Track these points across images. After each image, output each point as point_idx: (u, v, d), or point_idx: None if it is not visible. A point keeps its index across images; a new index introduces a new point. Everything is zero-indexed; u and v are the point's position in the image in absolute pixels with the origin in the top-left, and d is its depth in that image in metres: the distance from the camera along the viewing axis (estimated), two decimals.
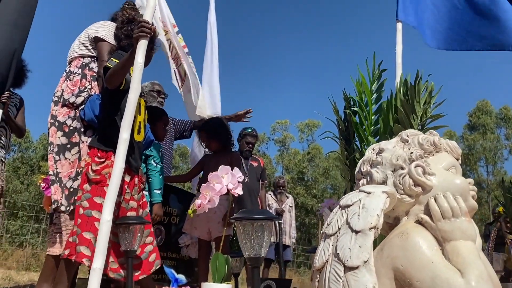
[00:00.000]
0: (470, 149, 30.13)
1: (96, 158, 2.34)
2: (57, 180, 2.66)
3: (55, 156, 2.68)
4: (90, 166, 2.33)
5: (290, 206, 6.69)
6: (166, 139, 3.83)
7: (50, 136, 2.78)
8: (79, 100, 2.74)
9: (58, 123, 2.73)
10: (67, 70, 2.89)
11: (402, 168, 1.39)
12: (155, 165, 3.16)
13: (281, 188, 6.65)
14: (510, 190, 3.25)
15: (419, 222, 1.34)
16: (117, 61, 2.33)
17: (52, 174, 2.69)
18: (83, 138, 2.70)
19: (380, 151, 1.48)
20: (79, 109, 2.74)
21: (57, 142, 2.70)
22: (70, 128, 2.71)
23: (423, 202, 1.37)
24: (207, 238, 3.46)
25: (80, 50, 2.91)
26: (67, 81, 2.82)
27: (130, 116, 2.16)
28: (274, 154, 32.94)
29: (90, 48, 2.90)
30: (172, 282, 2.15)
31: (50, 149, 2.74)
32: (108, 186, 2.11)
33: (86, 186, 2.32)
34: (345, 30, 51.34)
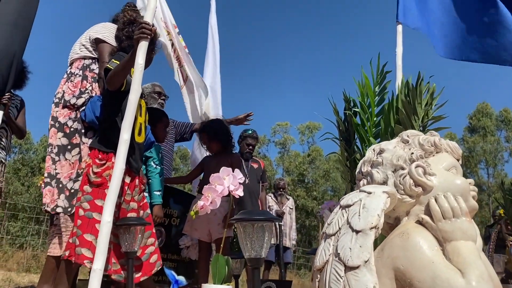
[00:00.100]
0: (470, 151, 30.13)
1: (97, 160, 2.34)
2: (55, 181, 2.66)
3: (55, 156, 2.69)
4: (91, 168, 2.33)
5: (291, 208, 6.69)
6: (166, 141, 3.83)
7: (50, 137, 2.78)
8: (80, 101, 2.75)
9: (58, 124, 2.74)
10: (68, 72, 2.90)
11: (402, 168, 1.39)
12: (155, 166, 3.16)
13: (281, 190, 6.66)
14: (510, 192, 3.24)
15: (420, 222, 1.33)
16: (117, 62, 2.33)
17: (46, 176, 2.69)
18: (84, 139, 2.70)
19: (380, 152, 1.48)
20: (80, 110, 2.74)
21: (57, 143, 2.71)
22: (71, 129, 2.71)
23: (424, 202, 1.37)
24: (208, 240, 3.46)
25: (81, 51, 2.92)
26: (68, 82, 2.83)
27: (130, 117, 2.16)
28: (274, 156, 32.99)
29: (91, 49, 2.90)
30: (172, 283, 2.15)
31: (49, 150, 2.74)
32: (108, 188, 2.12)
33: (86, 187, 2.32)
34: (345, 32, 51.42)
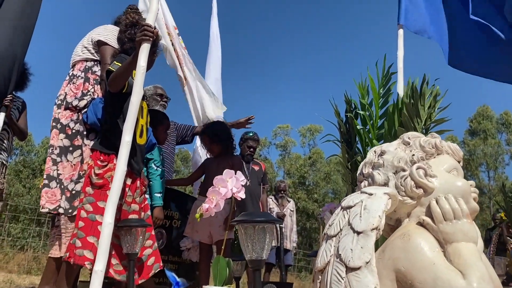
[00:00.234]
0: (471, 154, 30.09)
1: (98, 161, 2.35)
2: (55, 182, 2.66)
3: (56, 158, 2.69)
4: (93, 170, 2.33)
5: (291, 211, 6.69)
6: (168, 143, 3.83)
7: (51, 138, 2.79)
8: (82, 103, 2.75)
9: (60, 126, 2.74)
10: (70, 74, 2.91)
11: (403, 170, 1.40)
12: (156, 168, 3.16)
13: (282, 192, 6.65)
14: (511, 195, 3.24)
15: (421, 224, 1.34)
16: (119, 64, 2.34)
17: (45, 177, 2.69)
18: (86, 141, 2.71)
19: (381, 153, 1.49)
20: (82, 112, 2.75)
21: (58, 144, 2.71)
22: (73, 131, 2.72)
23: (425, 204, 1.37)
24: (209, 242, 3.47)
25: (83, 53, 2.93)
26: (70, 84, 2.84)
27: (132, 119, 2.16)
28: (275, 158, 32.96)
29: (93, 51, 2.91)
30: (173, 285, 2.15)
31: (50, 151, 2.75)
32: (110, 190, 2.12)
33: (88, 189, 2.33)
34: (347, 35, 51.43)
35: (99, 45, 2.86)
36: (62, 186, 2.65)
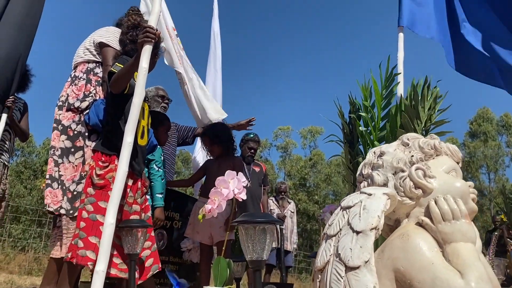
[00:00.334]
0: (471, 156, 30.08)
1: (100, 162, 2.36)
2: (57, 183, 2.68)
3: (57, 159, 2.70)
4: (94, 170, 2.34)
5: (292, 212, 6.68)
6: (169, 145, 3.85)
7: (52, 140, 2.80)
8: (84, 104, 2.77)
9: (62, 127, 2.76)
10: (72, 75, 2.92)
11: (402, 170, 1.41)
12: (157, 169, 3.18)
13: (282, 193, 6.65)
14: (511, 197, 3.25)
15: (420, 224, 1.35)
16: (121, 66, 2.35)
17: (48, 178, 2.70)
18: (88, 142, 2.72)
19: (381, 154, 1.50)
20: (84, 113, 2.76)
21: (60, 146, 2.72)
22: (75, 132, 2.73)
23: (424, 204, 1.38)
24: (209, 243, 3.48)
25: (85, 55, 2.94)
26: (72, 86, 2.85)
27: (134, 120, 2.17)
28: (276, 160, 32.97)
29: (95, 53, 2.93)
30: (174, 286, 2.16)
31: (51, 152, 2.76)
32: (111, 190, 2.13)
33: (90, 189, 2.33)
34: (348, 36, 51.47)
35: (101, 47, 2.88)
36: (64, 187, 2.66)
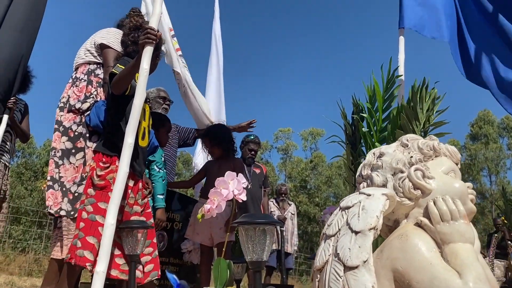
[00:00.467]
0: (472, 159, 30.04)
1: (100, 163, 2.36)
2: (58, 185, 2.68)
3: (59, 160, 2.71)
4: (95, 171, 2.34)
5: (292, 214, 6.68)
6: (170, 146, 3.85)
7: (53, 141, 2.80)
8: (85, 106, 2.77)
9: (63, 128, 2.76)
10: (73, 76, 2.93)
11: (402, 171, 1.42)
12: (158, 170, 3.18)
13: (283, 195, 6.64)
14: (511, 199, 3.25)
15: (419, 224, 1.36)
16: (123, 67, 2.35)
17: (49, 179, 2.71)
18: (88, 143, 2.72)
19: (380, 155, 1.51)
20: (85, 115, 2.77)
21: (61, 147, 2.73)
22: (75, 133, 2.74)
23: (423, 205, 1.39)
24: (209, 244, 3.48)
25: (86, 56, 2.95)
26: (73, 87, 2.86)
27: (135, 121, 2.17)
28: (277, 162, 32.96)
29: (96, 54, 2.94)
30: (174, 287, 2.16)
31: (52, 154, 2.77)
32: (112, 191, 2.13)
33: (90, 190, 2.33)
34: (349, 38, 51.49)
35: (102, 48, 2.88)
36: (64, 189, 2.67)
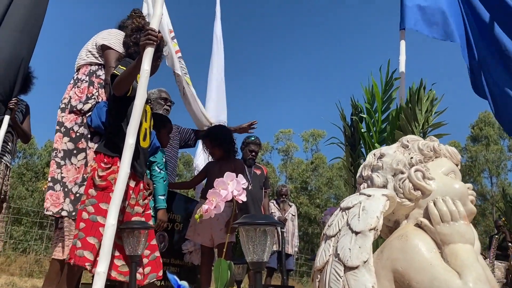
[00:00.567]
0: (473, 160, 30.01)
1: (102, 164, 2.36)
2: (59, 185, 2.69)
3: (60, 161, 2.71)
4: (96, 172, 2.34)
5: (293, 215, 6.67)
6: (171, 147, 3.86)
7: (55, 142, 2.81)
8: (87, 107, 2.78)
9: (64, 129, 2.77)
10: (75, 78, 2.93)
11: (402, 172, 1.42)
12: (159, 171, 3.18)
13: (283, 196, 6.64)
14: (511, 200, 3.25)
15: (419, 225, 1.36)
16: (124, 68, 2.36)
17: (50, 180, 2.71)
18: (90, 144, 2.73)
19: (381, 156, 1.51)
20: (86, 115, 2.78)
21: (62, 147, 2.73)
22: (77, 134, 2.74)
23: (423, 206, 1.39)
24: (210, 245, 3.48)
25: (87, 57, 2.96)
26: (75, 88, 2.86)
27: (136, 121, 2.18)
28: (277, 163, 32.94)
29: (97, 56, 2.94)
30: None
31: (54, 154, 2.77)
32: (113, 192, 2.13)
33: (91, 191, 2.34)
34: (350, 39, 51.47)
35: (103, 49, 2.89)
36: (66, 189, 2.67)
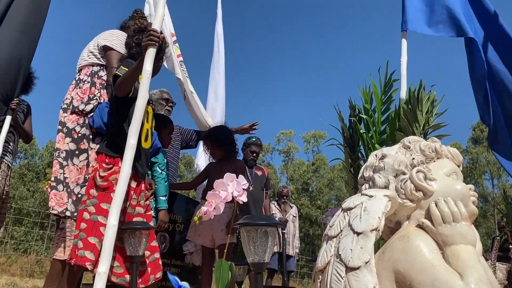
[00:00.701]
0: (474, 162, 29.98)
1: (103, 164, 2.36)
2: (62, 186, 2.69)
3: (63, 161, 2.71)
4: (97, 172, 2.35)
5: (294, 216, 6.67)
6: (172, 148, 3.86)
7: (57, 142, 2.81)
8: (88, 107, 2.78)
9: (66, 130, 2.77)
10: (77, 78, 2.94)
11: (403, 173, 1.42)
12: (161, 171, 3.18)
13: (284, 197, 6.63)
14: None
15: (420, 226, 1.36)
16: (126, 69, 2.36)
17: (53, 180, 2.71)
18: (92, 145, 2.73)
19: (382, 157, 1.51)
20: (88, 116, 2.78)
21: (64, 148, 2.74)
22: (79, 134, 2.74)
23: (424, 206, 1.39)
24: (211, 246, 3.48)
25: (89, 58, 2.96)
26: (77, 88, 2.87)
27: (137, 122, 2.18)
28: (278, 164, 32.95)
29: (99, 56, 2.94)
30: None
31: (56, 154, 2.77)
32: (114, 192, 2.13)
33: (92, 191, 2.34)
34: (351, 41, 51.51)
35: (105, 50, 2.89)
36: (69, 190, 2.67)
